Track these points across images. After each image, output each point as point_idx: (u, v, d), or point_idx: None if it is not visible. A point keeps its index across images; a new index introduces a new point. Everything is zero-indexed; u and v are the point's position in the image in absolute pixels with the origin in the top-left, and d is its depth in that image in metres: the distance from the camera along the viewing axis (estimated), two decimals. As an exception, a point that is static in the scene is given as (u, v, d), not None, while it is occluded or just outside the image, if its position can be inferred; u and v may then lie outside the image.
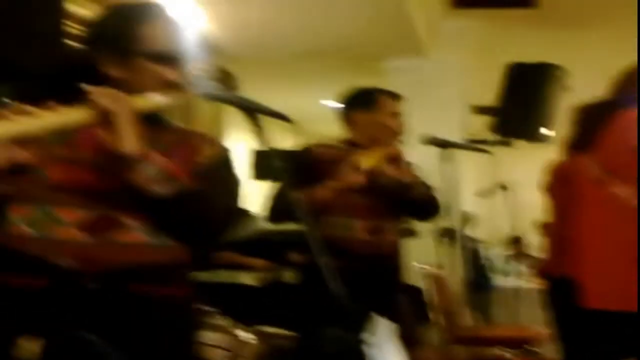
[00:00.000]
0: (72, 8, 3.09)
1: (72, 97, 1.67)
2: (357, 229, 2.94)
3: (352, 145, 3.06)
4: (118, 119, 1.48)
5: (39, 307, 1.57)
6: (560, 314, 2.92)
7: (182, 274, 1.77)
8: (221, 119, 6.20)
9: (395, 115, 3.08)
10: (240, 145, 6.92)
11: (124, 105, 1.50)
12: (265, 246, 4.86)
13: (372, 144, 3.02)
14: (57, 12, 2.88)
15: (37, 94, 1.70)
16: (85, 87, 1.54)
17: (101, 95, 1.48)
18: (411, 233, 3.38)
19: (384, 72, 6.09)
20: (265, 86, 6.66)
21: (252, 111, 1.60)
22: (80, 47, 1.75)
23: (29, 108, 1.39)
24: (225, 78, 4.88)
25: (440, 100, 5.70)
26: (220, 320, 3.21)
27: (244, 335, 3.26)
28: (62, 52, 2.81)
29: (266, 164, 6.41)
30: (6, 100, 3.31)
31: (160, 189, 1.55)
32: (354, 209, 2.95)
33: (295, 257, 5.18)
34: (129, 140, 1.50)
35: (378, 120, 3.05)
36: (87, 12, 3.49)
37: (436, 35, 6.11)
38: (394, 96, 3.13)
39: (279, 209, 2.93)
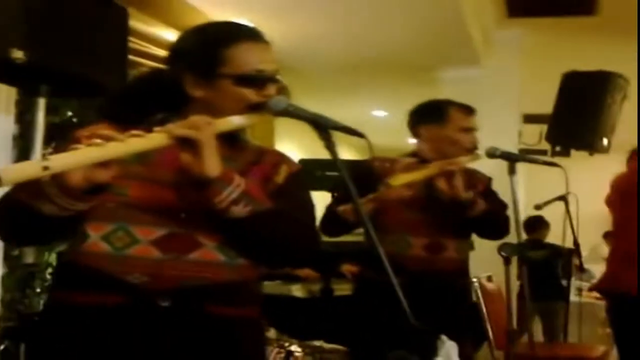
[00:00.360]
0: (137, 25, 3.15)
1: (154, 116, 1.71)
2: (413, 245, 2.87)
3: (419, 159, 2.97)
4: (201, 145, 1.48)
5: (111, 325, 1.56)
6: (625, 333, 2.85)
7: (254, 292, 1.76)
8: (272, 129, 6.23)
9: (467, 130, 2.95)
10: (290, 155, 6.93)
11: (207, 132, 1.49)
12: (314, 257, 4.83)
13: (440, 159, 2.91)
14: (123, 29, 2.92)
15: (121, 112, 1.72)
16: (166, 119, 1.58)
17: (183, 126, 1.48)
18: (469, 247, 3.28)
19: (437, 82, 6.07)
20: (317, 97, 6.70)
21: (325, 127, 1.57)
22: (164, 67, 1.75)
23: (112, 133, 1.40)
24: (278, 90, 4.89)
25: (494, 110, 5.62)
26: (269, 333, 3.20)
27: (292, 348, 3.26)
28: (125, 68, 2.85)
29: (314, 173, 6.39)
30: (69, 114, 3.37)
31: (241, 211, 1.55)
32: (410, 225, 2.87)
33: (346, 268, 5.16)
34: (212, 164, 1.50)
35: (448, 135, 2.93)
36: (150, 29, 3.58)
37: (490, 44, 6.07)
38: (467, 110, 2.99)
39: (334, 221, 2.87)
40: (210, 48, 1.66)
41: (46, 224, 1.49)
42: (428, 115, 3.00)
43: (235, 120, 1.62)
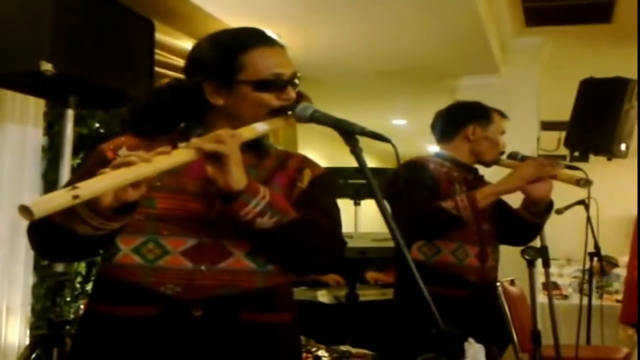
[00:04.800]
0: (161, 37, 3.20)
1: (177, 126, 1.73)
2: (470, 254, 2.85)
3: (443, 159, 2.99)
4: (226, 158, 1.47)
5: (147, 337, 1.57)
6: None
7: (287, 298, 1.75)
8: (295, 138, 6.25)
9: (503, 134, 3.05)
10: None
11: (232, 145, 1.48)
12: (340, 263, 4.83)
13: (472, 160, 3.01)
14: (149, 41, 2.98)
15: (145, 125, 1.72)
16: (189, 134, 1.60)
17: (207, 140, 1.47)
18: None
19: (456, 91, 6.10)
20: (337, 106, 6.72)
21: (352, 133, 1.56)
22: (184, 77, 1.75)
23: (138, 154, 1.37)
24: (299, 98, 4.94)
25: (513, 117, 5.62)
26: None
27: (319, 353, 3.27)
28: (152, 79, 2.90)
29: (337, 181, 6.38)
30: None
31: (266, 222, 1.54)
32: (466, 234, 2.84)
33: (371, 276, 5.19)
34: (237, 177, 1.49)
35: (490, 136, 3.00)
36: (174, 41, 3.63)
37: (509, 52, 6.11)
38: (502, 115, 3.10)
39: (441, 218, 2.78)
40: (226, 56, 1.66)
41: (81, 243, 1.50)
42: (477, 115, 3.03)
43: (259, 128, 1.61)
